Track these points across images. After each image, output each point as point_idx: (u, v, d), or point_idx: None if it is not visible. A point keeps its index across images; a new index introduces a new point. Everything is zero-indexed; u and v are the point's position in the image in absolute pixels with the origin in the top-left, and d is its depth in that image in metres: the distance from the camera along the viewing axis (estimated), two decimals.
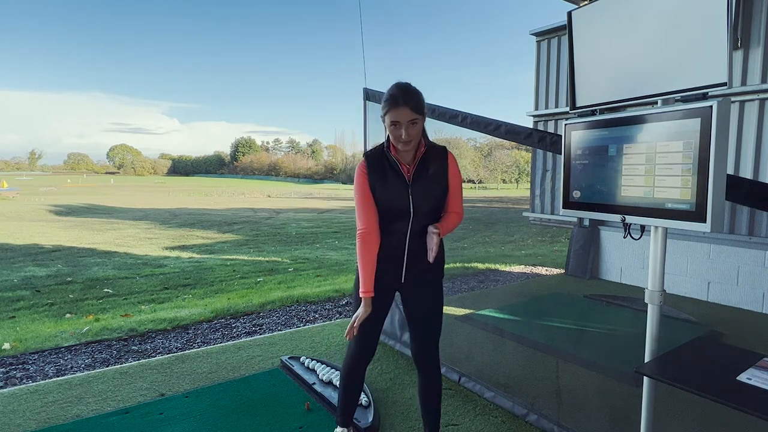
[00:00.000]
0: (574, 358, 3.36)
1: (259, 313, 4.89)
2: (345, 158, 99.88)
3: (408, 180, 1.90)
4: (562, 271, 6.66)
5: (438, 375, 2.13)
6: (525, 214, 7.80)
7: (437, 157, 1.94)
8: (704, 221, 1.50)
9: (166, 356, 3.47)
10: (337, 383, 2.87)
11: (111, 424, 2.51)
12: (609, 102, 1.88)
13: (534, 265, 7.66)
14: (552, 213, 7.19)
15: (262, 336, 4.00)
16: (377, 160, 1.93)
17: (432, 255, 1.86)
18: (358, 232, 1.93)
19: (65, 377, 3.10)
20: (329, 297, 5.51)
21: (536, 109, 7.44)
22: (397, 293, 2.12)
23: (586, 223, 6.15)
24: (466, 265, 7.56)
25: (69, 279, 7.40)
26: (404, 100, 1.79)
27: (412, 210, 1.90)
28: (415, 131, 1.83)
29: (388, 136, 1.91)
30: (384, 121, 1.87)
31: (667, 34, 1.64)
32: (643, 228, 1.81)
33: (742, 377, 1.47)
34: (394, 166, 1.90)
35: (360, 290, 1.93)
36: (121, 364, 3.40)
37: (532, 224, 7.72)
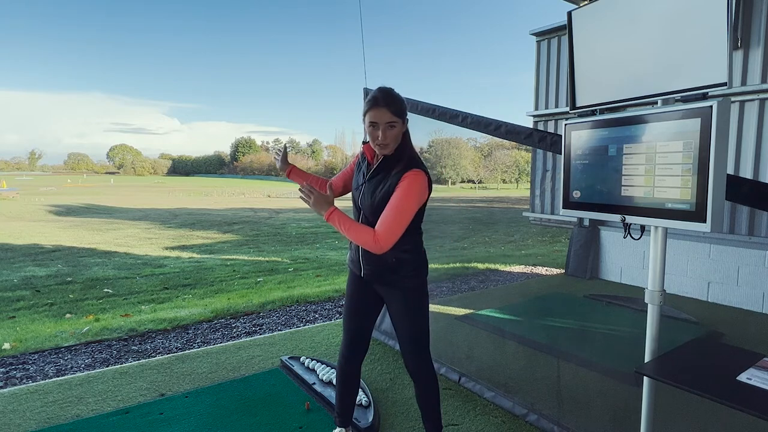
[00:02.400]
0: (574, 358, 3.36)
1: (259, 313, 4.89)
2: (345, 158, 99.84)
3: (364, 177, 1.98)
4: (562, 271, 6.66)
5: (429, 381, 2.05)
6: (525, 214, 7.80)
7: (400, 167, 1.85)
8: (704, 221, 1.50)
9: (166, 356, 3.47)
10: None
11: (111, 424, 2.51)
12: (609, 102, 1.88)
13: (534, 265, 7.66)
14: (552, 213, 7.18)
15: (262, 336, 4.00)
16: (359, 155, 2.08)
17: (302, 192, 1.85)
18: None
19: (65, 377, 3.10)
20: (329, 297, 5.51)
21: (536, 109, 7.43)
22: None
23: (586, 223, 6.15)
24: (466, 265, 7.56)
25: (69, 279, 7.40)
26: (384, 102, 1.80)
27: (360, 205, 1.96)
28: (392, 135, 1.83)
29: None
30: (364, 121, 1.89)
31: (667, 34, 1.64)
32: (643, 228, 1.81)
33: (742, 377, 1.47)
34: (364, 160, 2.02)
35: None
36: (121, 364, 3.40)
37: (532, 224, 7.72)
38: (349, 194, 2.16)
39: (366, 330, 2.14)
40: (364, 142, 2.04)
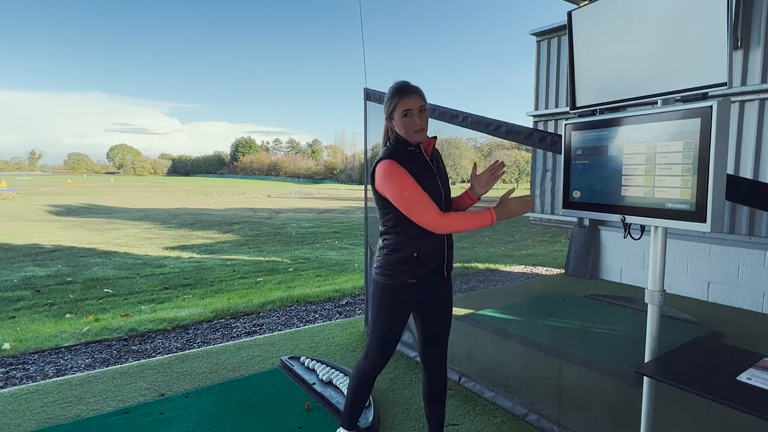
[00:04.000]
0: (574, 358, 3.36)
1: (259, 313, 4.89)
2: (345, 158, 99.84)
3: (433, 167, 1.96)
4: (562, 271, 6.66)
5: (446, 375, 2.14)
6: (525, 214, 7.80)
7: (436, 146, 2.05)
8: (704, 221, 1.50)
9: (166, 356, 3.47)
10: (337, 383, 2.87)
11: (111, 424, 2.51)
12: (609, 102, 1.88)
13: (534, 265, 7.66)
14: (552, 213, 7.19)
15: (262, 336, 4.00)
16: (403, 155, 1.88)
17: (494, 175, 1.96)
18: (435, 217, 1.81)
19: (65, 377, 3.11)
20: (329, 297, 5.52)
21: (536, 109, 7.44)
22: None
23: (586, 223, 6.15)
24: (466, 265, 7.56)
25: (69, 279, 7.40)
26: (411, 90, 1.88)
27: (443, 196, 1.95)
28: (425, 119, 1.89)
29: (389, 140, 1.95)
30: (393, 119, 1.88)
31: (667, 34, 1.64)
32: (643, 228, 1.81)
33: (742, 377, 1.47)
34: (421, 157, 1.93)
35: (488, 220, 1.83)
36: (121, 364, 3.40)
37: (532, 224, 7.72)
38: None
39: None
40: (390, 155, 1.88)
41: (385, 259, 1.94)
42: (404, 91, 1.86)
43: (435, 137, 2.01)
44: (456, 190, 2.10)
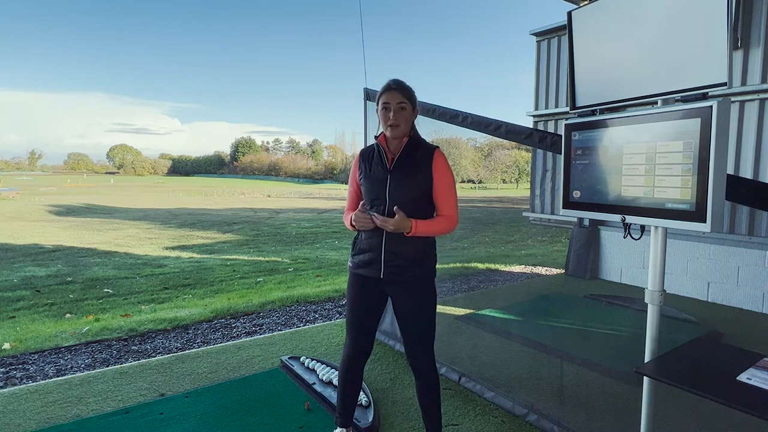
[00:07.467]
0: (574, 358, 3.36)
1: (259, 313, 4.89)
2: (345, 158, 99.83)
3: (389, 167, 1.98)
4: (562, 271, 6.66)
5: (432, 377, 2.10)
6: (525, 214, 7.80)
7: (424, 151, 1.99)
8: (704, 221, 1.50)
9: (166, 356, 3.47)
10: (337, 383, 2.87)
11: (111, 424, 2.51)
12: (609, 102, 1.88)
13: (534, 265, 7.66)
14: (552, 213, 7.18)
15: (262, 336, 4.00)
16: (369, 151, 2.08)
17: (377, 222, 1.91)
18: (344, 215, 2.16)
19: (65, 377, 3.10)
20: (329, 297, 5.51)
21: (536, 109, 7.44)
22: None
23: (586, 223, 6.15)
24: (466, 265, 7.56)
25: (69, 279, 7.40)
26: (395, 86, 1.96)
27: (387, 196, 1.95)
28: (403, 117, 1.94)
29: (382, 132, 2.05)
30: (377, 113, 2.00)
31: (667, 34, 1.64)
32: (643, 228, 1.81)
33: (742, 377, 1.47)
34: (380, 153, 2.02)
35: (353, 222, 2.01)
36: (121, 364, 3.40)
37: (532, 224, 7.72)
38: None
39: (372, 331, 2.14)
40: (376, 136, 2.08)
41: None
42: (387, 86, 1.97)
43: (409, 137, 2.01)
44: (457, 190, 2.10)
